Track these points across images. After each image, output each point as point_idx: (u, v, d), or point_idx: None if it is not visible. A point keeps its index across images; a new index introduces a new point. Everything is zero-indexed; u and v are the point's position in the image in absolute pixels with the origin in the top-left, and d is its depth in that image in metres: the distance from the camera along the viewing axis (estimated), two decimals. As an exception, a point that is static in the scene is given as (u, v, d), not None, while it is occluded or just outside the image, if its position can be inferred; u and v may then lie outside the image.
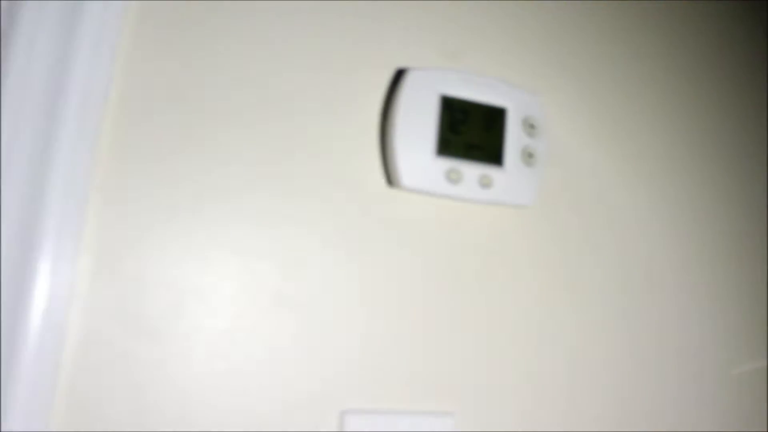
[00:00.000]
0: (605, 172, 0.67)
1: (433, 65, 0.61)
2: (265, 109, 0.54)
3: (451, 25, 0.62)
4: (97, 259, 0.48)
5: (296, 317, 0.53)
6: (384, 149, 0.58)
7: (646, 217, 0.69)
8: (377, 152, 0.58)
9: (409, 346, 0.57)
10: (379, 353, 0.56)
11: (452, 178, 0.57)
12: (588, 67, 0.68)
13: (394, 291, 0.57)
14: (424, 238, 0.59)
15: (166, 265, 0.50)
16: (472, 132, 0.58)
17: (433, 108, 0.57)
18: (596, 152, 0.67)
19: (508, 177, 0.59)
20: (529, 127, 0.60)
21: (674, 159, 0.71)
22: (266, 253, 0.53)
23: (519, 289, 0.61)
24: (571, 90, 0.67)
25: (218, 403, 0.50)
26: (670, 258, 0.69)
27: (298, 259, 0.54)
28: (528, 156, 0.60)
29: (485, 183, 0.58)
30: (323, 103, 0.57)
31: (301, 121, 0.56)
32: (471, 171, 0.57)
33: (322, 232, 0.55)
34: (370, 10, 0.59)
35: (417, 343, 0.57)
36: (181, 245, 0.51)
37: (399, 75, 0.59)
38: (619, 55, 0.70)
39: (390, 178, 0.58)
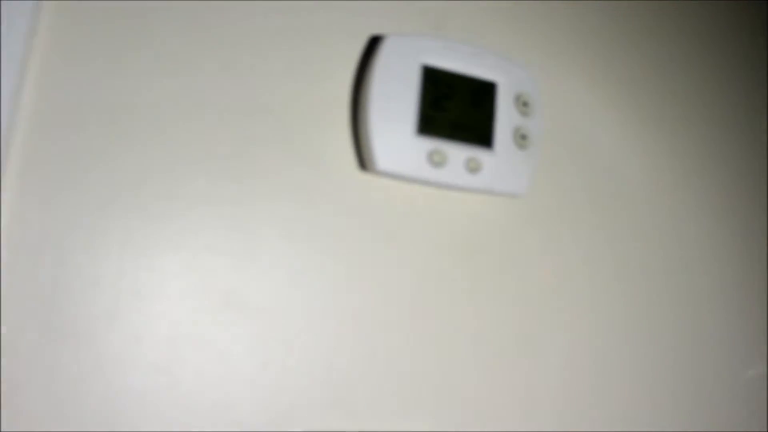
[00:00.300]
0: (610, 157, 0.60)
1: (414, 33, 0.53)
2: (217, 79, 0.46)
3: (433, -11, 0.55)
4: (13, 255, 0.40)
5: (251, 323, 0.45)
6: (357, 127, 0.50)
7: (653, 210, 0.62)
8: (349, 130, 0.50)
9: (385, 358, 0.49)
10: (350, 366, 0.48)
11: (435, 160, 0.49)
12: (589, 38, 0.61)
13: (368, 292, 0.49)
14: (401, 230, 0.51)
15: (96, 262, 0.41)
16: (457, 109, 0.51)
17: (414, 80, 0.49)
18: (599, 134, 0.60)
19: (498, 161, 0.51)
20: (522, 104, 0.53)
21: (691, 138, 0.65)
22: (216, 247, 0.45)
23: (509, 290, 0.54)
24: (570, 63, 0.60)
25: (158, 423, 0.42)
26: (677, 256, 0.63)
27: (253, 255, 0.46)
28: (521, 138, 0.52)
29: (473, 167, 0.50)
30: (287, 73, 0.49)
31: (260, 93, 0.48)
32: (457, 153, 0.50)
33: (282, 223, 0.47)
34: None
35: (393, 354, 0.49)
36: (114, 239, 0.42)
37: (374, 42, 0.51)
38: (623, 27, 0.63)
39: (363, 160, 0.50)
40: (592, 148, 0.60)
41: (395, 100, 0.49)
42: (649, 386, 0.60)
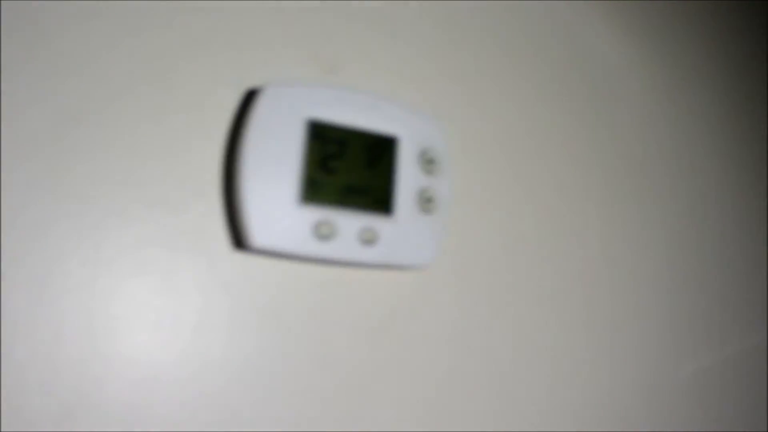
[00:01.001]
0: (526, 217, 0.54)
1: (299, 82, 0.46)
2: (68, 144, 0.38)
3: (326, 31, 0.47)
4: None
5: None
6: (229, 198, 0.42)
7: (576, 269, 0.56)
8: (221, 203, 0.42)
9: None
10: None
11: (323, 233, 0.42)
12: (504, 85, 0.54)
13: (242, 395, 0.42)
14: (283, 317, 0.43)
15: None
16: (350, 170, 0.43)
17: (297, 137, 0.42)
18: (515, 192, 0.54)
19: (399, 229, 0.44)
20: (428, 162, 0.46)
21: (611, 194, 0.59)
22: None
23: (417, 383, 0.47)
24: (486, 113, 0.53)
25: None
26: (598, 321, 0.57)
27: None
28: (426, 201, 0.45)
29: (368, 238, 0.43)
30: (151, 137, 0.41)
31: (121, 161, 0.39)
32: (349, 223, 0.43)
33: (138, 317, 0.39)
34: (215, 14, 0.43)
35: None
36: None
37: (251, 97, 0.43)
38: (541, 69, 0.57)
39: (238, 235, 0.42)
40: (510, 208, 0.53)
41: (274, 163, 0.41)
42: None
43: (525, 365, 0.52)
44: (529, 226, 0.54)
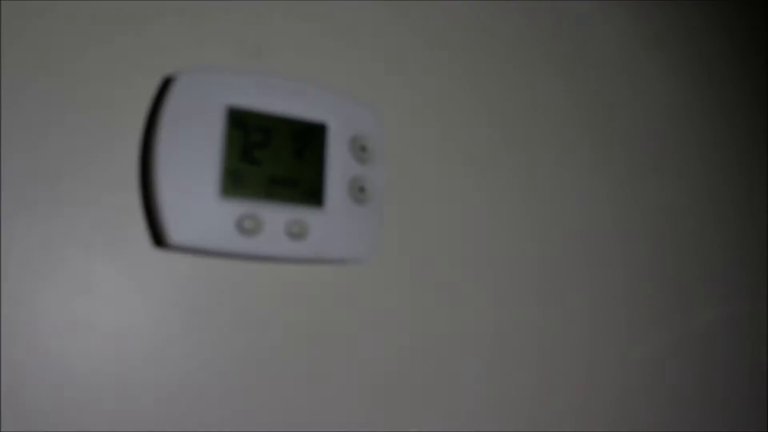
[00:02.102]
0: (473, 207, 0.52)
1: (218, 68, 0.43)
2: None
3: (251, 15, 0.45)
4: None
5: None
6: (146, 193, 0.40)
7: (523, 258, 0.54)
8: (138, 199, 0.40)
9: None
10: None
11: (247, 227, 0.39)
12: (441, 66, 0.52)
13: (166, 399, 0.39)
14: (208, 318, 0.41)
15: None
16: (275, 160, 0.41)
17: (216, 126, 0.39)
18: (455, 180, 0.52)
19: (330, 221, 0.42)
20: (360, 149, 0.44)
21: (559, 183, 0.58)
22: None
23: (352, 384, 0.45)
24: (423, 96, 0.51)
25: None
26: (548, 312, 0.56)
27: None
28: (358, 191, 0.43)
29: (296, 232, 0.41)
30: (61, 128, 0.38)
31: (28, 154, 0.36)
32: (275, 216, 0.40)
33: (50, 322, 0.36)
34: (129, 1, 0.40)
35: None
36: None
37: (167, 85, 0.41)
38: (485, 46, 0.55)
39: (157, 234, 0.39)
40: (449, 197, 0.51)
41: (191, 155, 0.39)
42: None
43: (469, 358, 0.50)
44: (473, 216, 0.52)
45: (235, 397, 0.41)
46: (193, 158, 0.39)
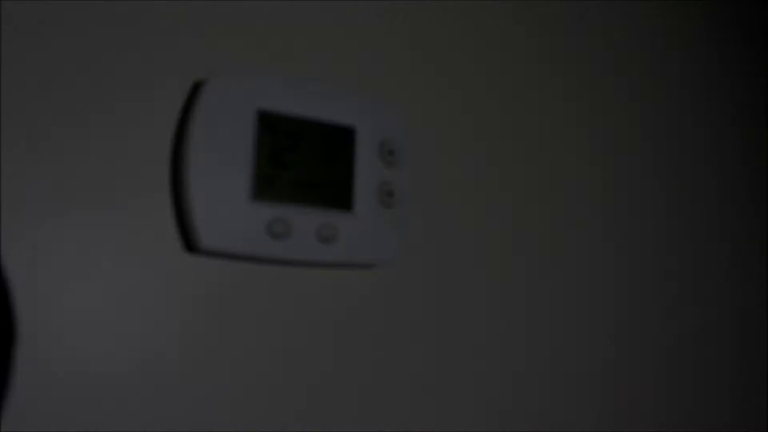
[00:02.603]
0: (492, 210, 0.52)
1: (248, 72, 0.43)
2: (4, 139, 0.34)
3: (279, 20, 0.44)
4: None
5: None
6: (177, 198, 0.39)
7: (550, 272, 0.54)
8: (170, 204, 0.39)
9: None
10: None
11: (277, 231, 0.39)
12: (469, 71, 0.53)
13: (199, 401, 0.39)
14: (239, 323, 0.41)
15: None
16: (305, 164, 0.41)
17: (247, 130, 0.39)
18: (481, 183, 0.52)
19: (359, 225, 0.42)
20: (388, 154, 0.44)
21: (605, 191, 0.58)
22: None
23: (380, 386, 0.45)
24: (449, 100, 0.51)
25: None
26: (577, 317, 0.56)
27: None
28: (387, 195, 0.43)
29: (327, 236, 0.41)
30: (95, 132, 0.37)
31: (61, 157, 0.36)
32: (305, 220, 0.40)
33: (82, 324, 0.36)
34: (162, 2, 0.40)
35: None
36: None
37: (197, 89, 0.41)
38: (509, 52, 0.55)
39: (188, 238, 0.39)
40: (476, 201, 0.51)
41: (222, 159, 0.38)
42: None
43: (494, 363, 0.50)
44: (499, 219, 0.52)
45: (261, 397, 0.41)
46: (224, 162, 0.38)
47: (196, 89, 0.40)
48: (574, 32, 0.60)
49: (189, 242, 0.39)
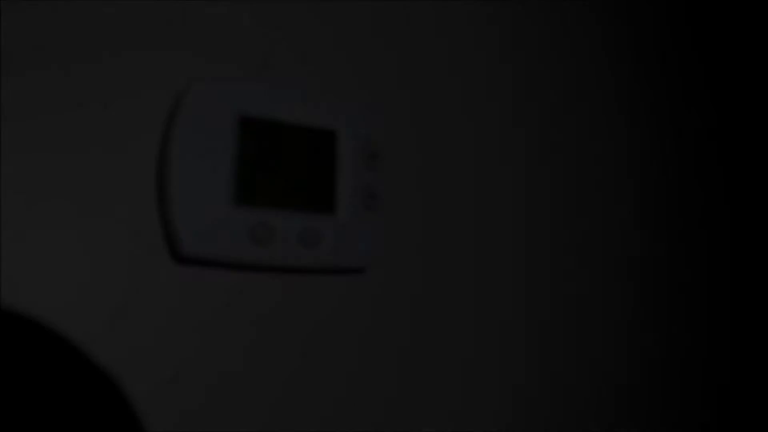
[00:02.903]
0: (476, 211, 0.52)
1: (228, 78, 0.43)
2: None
3: (259, 27, 0.44)
4: None
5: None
6: (162, 204, 0.39)
7: (522, 265, 0.55)
8: (155, 211, 0.39)
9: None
10: None
11: (259, 236, 0.39)
12: (452, 74, 0.53)
13: (187, 406, 0.39)
14: (219, 332, 0.40)
15: None
16: (287, 168, 0.41)
17: (228, 135, 0.39)
18: (465, 185, 0.52)
19: (341, 228, 0.42)
20: (370, 156, 0.44)
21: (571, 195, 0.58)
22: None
23: (362, 390, 0.45)
24: (428, 104, 0.51)
25: None
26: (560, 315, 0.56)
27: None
28: (369, 197, 0.43)
29: (310, 240, 0.41)
30: (81, 139, 0.37)
31: (47, 164, 0.36)
32: (288, 224, 0.40)
33: (68, 331, 0.36)
34: (145, 12, 0.40)
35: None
36: None
37: (180, 96, 0.40)
38: (494, 54, 0.56)
39: (172, 244, 0.39)
40: (459, 203, 0.51)
41: (204, 164, 0.38)
42: None
43: (480, 364, 0.51)
44: (483, 221, 0.52)
45: (254, 403, 0.41)
46: (206, 168, 0.38)
47: (178, 96, 0.40)
48: (573, 32, 0.60)
49: (174, 249, 0.39)
